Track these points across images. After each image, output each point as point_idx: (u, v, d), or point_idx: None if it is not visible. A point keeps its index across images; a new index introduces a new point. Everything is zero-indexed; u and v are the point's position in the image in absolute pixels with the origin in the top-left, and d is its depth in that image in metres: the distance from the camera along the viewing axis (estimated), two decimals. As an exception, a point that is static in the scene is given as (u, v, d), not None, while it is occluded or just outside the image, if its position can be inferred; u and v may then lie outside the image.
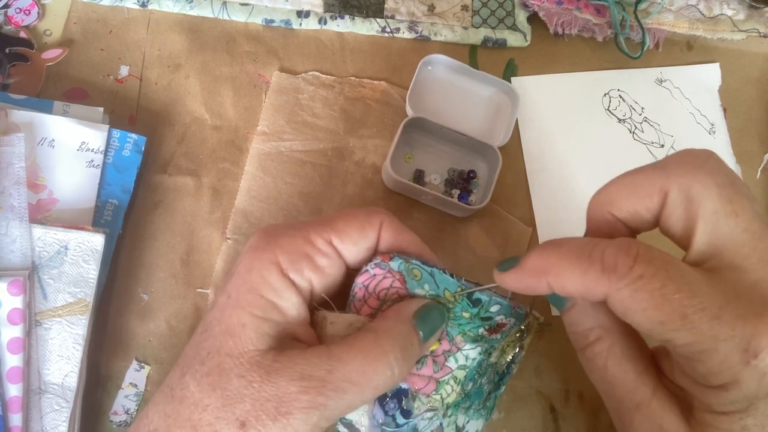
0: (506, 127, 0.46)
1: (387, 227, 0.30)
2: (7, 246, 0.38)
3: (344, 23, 0.48)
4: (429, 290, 0.30)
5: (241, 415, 0.26)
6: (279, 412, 0.25)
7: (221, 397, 0.26)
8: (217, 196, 0.44)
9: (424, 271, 0.29)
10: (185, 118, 0.46)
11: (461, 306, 0.30)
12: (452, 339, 0.31)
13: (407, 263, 0.29)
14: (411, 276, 0.29)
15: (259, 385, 0.26)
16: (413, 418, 0.30)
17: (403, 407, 0.30)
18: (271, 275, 0.28)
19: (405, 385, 0.30)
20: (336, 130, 0.46)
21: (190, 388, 0.27)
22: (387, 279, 0.30)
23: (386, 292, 0.30)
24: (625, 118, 0.50)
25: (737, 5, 0.50)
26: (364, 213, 0.30)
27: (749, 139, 0.51)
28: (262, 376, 0.26)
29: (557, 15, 0.49)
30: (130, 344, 0.41)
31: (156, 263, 0.43)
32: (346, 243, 0.29)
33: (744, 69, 0.52)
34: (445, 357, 0.31)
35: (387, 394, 0.30)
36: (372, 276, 0.30)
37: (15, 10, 0.46)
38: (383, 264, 0.29)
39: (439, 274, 0.30)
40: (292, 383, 0.26)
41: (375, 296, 0.30)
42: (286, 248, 0.28)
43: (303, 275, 0.29)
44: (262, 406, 0.26)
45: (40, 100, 0.43)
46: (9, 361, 0.36)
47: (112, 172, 0.42)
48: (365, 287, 0.30)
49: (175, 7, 0.47)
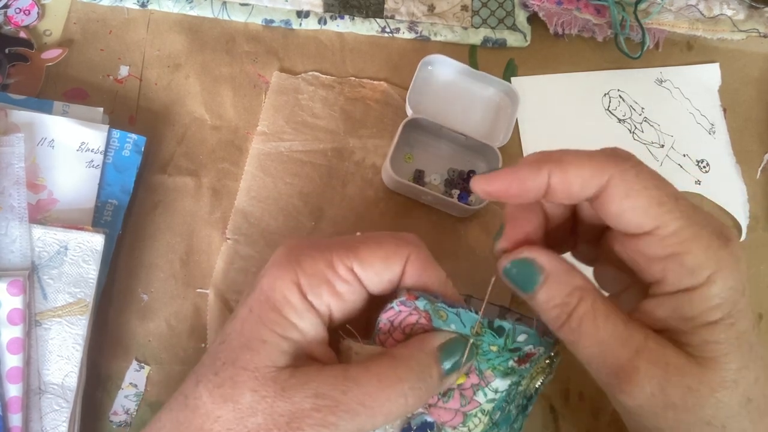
0: (506, 127, 0.46)
1: (413, 261, 0.29)
2: (7, 246, 0.37)
3: (344, 23, 0.48)
4: (455, 329, 0.30)
5: (253, 429, 0.26)
6: (291, 427, 0.26)
7: (233, 410, 0.26)
8: (216, 197, 0.44)
9: (450, 312, 0.29)
10: (185, 118, 0.46)
11: (487, 339, 0.30)
12: (481, 373, 0.31)
13: (433, 304, 0.29)
14: (437, 316, 0.29)
15: (273, 400, 0.26)
16: None
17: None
18: (292, 296, 0.28)
19: (430, 419, 0.30)
20: (336, 130, 0.46)
21: (203, 398, 0.27)
22: (413, 316, 0.29)
23: (412, 327, 0.30)
24: (625, 118, 0.50)
25: (737, 5, 0.50)
26: (392, 243, 0.29)
27: (749, 139, 0.51)
28: (276, 391, 0.26)
29: (557, 15, 0.49)
30: (130, 344, 0.41)
31: (156, 263, 0.43)
32: (369, 273, 0.29)
33: (744, 69, 0.52)
34: (473, 391, 0.31)
35: (411, 427, 0.30)
36: (397, 312, 0.29)
37: (15, 10, 0.46)
38: (409, 303, 0.29)
39: (465, 314, 0.29)
40: (306, 400, 0.26)
41: (401, 330, 0.30)
42: (308, 270, 0.28)
43: (322, 299, 0.29)
44: (275, 421, 0.26)
45: (40, 100, 0.43)
46: (9, 362, 0.36)
47: (112, 173, 0.42)
48: (390, 322, 0.30)
49: (174, 8, 0.47)
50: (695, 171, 0.50)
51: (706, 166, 0.50)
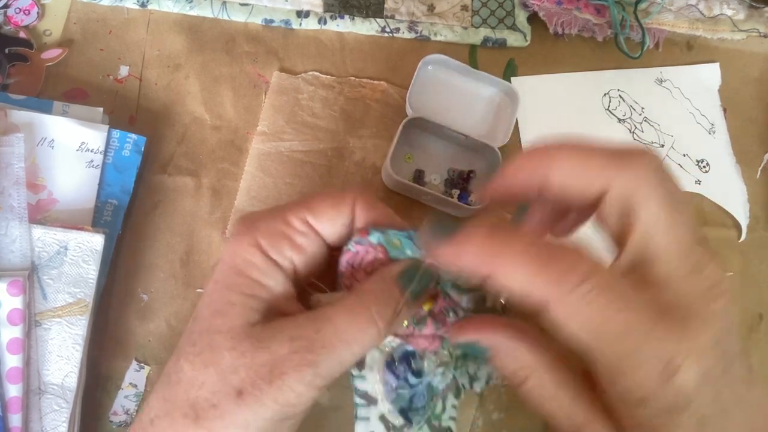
0: (506, 127, 0.46)
1: (360, 202, 0.31)
2: (7, 246, 0.37)
3: (344, 23, 0.48)
4: (412, 255, 0.31)
5: (237, 385, 0.26)
6: (273, 374, 0.26)
7: (215, 372, 0.27)
8: (216, 197, 0.44)
9: (402, 236, 0.30)
10: (185, 118, 0.46)
11: None
12: (447, 295, 0.31)
13: (385, 234, 0.30)
14: (391, 246, 0.30)
15: (252, 354, 0.27)
16: (426, 376, 0.31)
17: (414, 368, 0.31)
18: (254, 257, 0.29)
19: (410, 347, 0.31)
20: (336, 130, 0.46)
21: (185, 369, 0.28)
22: (369, 254, 0.30)
23: (372, 265, 0.30)
24: (625, 118, 0.50)
25: (737, 5, 0.50)
26: (337, 191, 0.31)
27: (749, 139, 0.51)
28: (253, 344, 0.27)
29: (557, 15, 0.49)
30: (129, 344, 0.41)
31: (156, 263, 0.43)
32: (322, 220, 0.30)
33: (744, 69, 0.52)
34: (444, 313, 0.32)
35: (394, 359, 0.31)
36: (354, 253, 0.30)
37: (14, 10, 0.46)
38: (363, 240, 0.30)
39: (417, 235, 0.30)
40: (283, 345, 0.27)
41: (362, 271, 0.31)
42: (265, 231, 0.30)
43: (284, 254, 0.30)
44: (257, 372, 0.26)
45: (40, 100, 0.43)
46: (8, 362, 0.36)
47: (112, 173, 0.42)
48: (350, 265, 0.31)
49: (174, 8, 0.47)
50: (695, 171, 0.50)
51: (706, 166, 0.50)
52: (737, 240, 0.49)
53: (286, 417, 0.27)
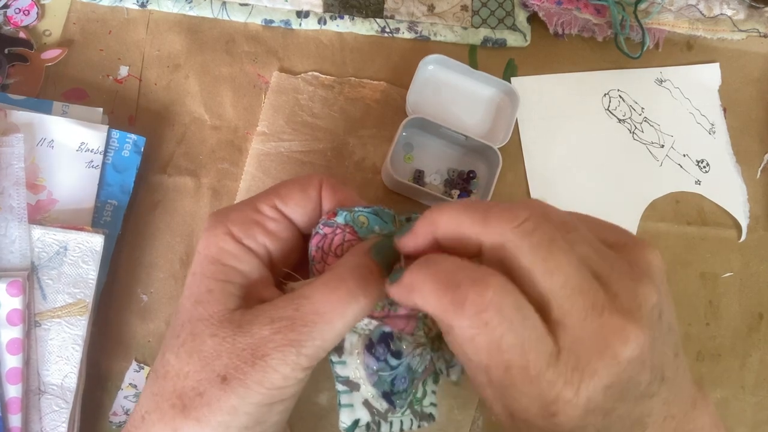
0: (506, 127, 0.46)
1: (326, 185, 0.31)
2: (7, 247, 0.37)
3: (344, 23, 0.48)
4: (381, 230, 0.31)
5: (221, 370, 0.26)
6: (256, 356, 0.26)
7: (199, 360, 0.27)
8: (216, 197, 0.44)
9: (367, 213, 0.30)
10: (185, 118, 0.46)
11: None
12: None
13: (351, 213, 0.30)
14: (359, 225, 0.30)
15: (233, 339, 0.27)
16: (405, 357, 0.31)
17: (393, 349, 0.31)
18: (227, 244, 0.29)
19: (387, 329, 0.31)
20: (335, 130, 0.46)
21: (171, 362, 0.28)
22: (338, 235, 0.30)
23: (341, 248, 0.31)
24: (625, 118, 0.50)
25: (737, 5, 0.50)
26: (303, 176, 0.32)
27: (749, 139, 0.51)
28: (233, 329, 0.27)
29: (557, 15, 0.49)
30: (129, 345, 0.41)
31: (155, 264, 0.43)
32: (291, 205, 0.31)
33: (744, 69, 0.52)
34: None
35: (373, 341, 0.31)
36: (323, 236, 0.30)
37: (14, 10, 0.46)
38: (330, 222, 0.30)
39: (382, 211, 0.31)
40: (264, 328, 0.27)
41: (333, 254, 0.31)
42: (236, 219, 0.30)
43: (257, 240, 0.30)
44: (239, 356, 0.27)
45: (40, 100, 0.43)
46: (8, 362, 0.36)
47: (112, 173, 0.42)
48: (321, 248, 0.31)
49: (174, 8, 0.47)
50: (695, 171, 0.50)
51: (706, 166, 0.50)
52: (737, 240, 0.49)
53: (275, 401, 0.27)
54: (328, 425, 0.41)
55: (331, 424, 0.41)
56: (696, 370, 0.47)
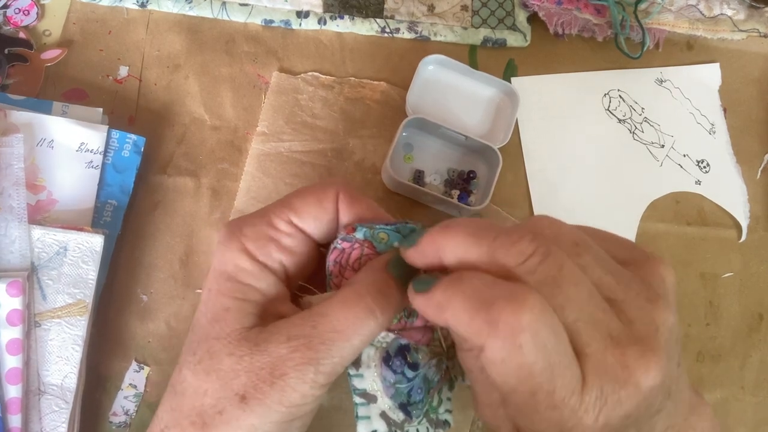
0: (506, 127, 0.46)
1: (343, 196, 0.31)
2: (6, 247, 0.37)
3: (344, 23, 0.48)
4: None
5: (240, 389, 0.26)
6: (274, 376, 0.26)
7: (217, 379, 0.27)
8: (216, 197, 0.44)
9: (388, 231, 0.30)
10: (184, 118, 0.46)
11: None
12: None
13: (371, 230, 0.30)
14: (378, 240, 0.30)
15: (250, 357, 0.27)
16: (421, 368, 0.31)
17: (409, 361, 0.31)
18: (243, 262, 0.29)
19: (404, 341, 0.31)
20: (336, 130, 0.46)
21: (188, 379, 0.28)
22: (356, 250, 0.30)
23: (359, 262, 0.30)
24: (625, 118, 0.50)
25: (737, 5, 0.50)
26: (320, 186, 0.31)
27: (749, 139, 0.51)
28: (251, 348, 0.27)
29: (557, 15, 0.49)
30: (129, 345, 0.41)
31: (155, 264, 0.43)
32: (306, 220, 0.30)
33: (744, 69, 0.52)
34: None
35: (390, 354, 0.31)
36: (341, 251, 0.30)
37: (14, 10, 0.46)
38: (349, 237, 0.30)
39: (404, 228, 0.30)
40: (281, 346, 0.27)
41: (350, 268, 0.30)
42: (251, 236, 0.29)
43: (273, 257, 0.29)
44: (258, 375, 0.26)
45: (39, 100, 0.43)
46: (8, 362, 0.36)
47: (112, 173, 0.42)
48: (338, 263, 0.30)
49: (174, 8, 0.47)
50: (695, 171, 0.50)
51: (707, 166, 0.50)
52: (737, 240, 0.49)
53: (294, 418, 0.27)
54: (329, 425, 0.41)
55: (331, 424, 0.41)
56: (696, 370, 0.47)
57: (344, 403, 0.40)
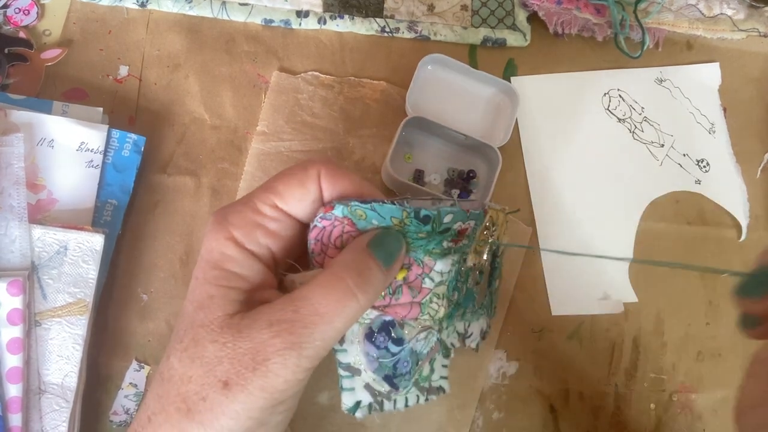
0: (506, 127, 0.46)
1: (325, 175, 0.31)
2: (7, 246, 0.37)
3: (344, 23, 0.48)
4: (378, 224, 0.31)
5: (222, 376, 0.27)
6: (256, 361, 0.26)
7: (201, 366, 0.27)
8: (216, 196, 0.44)
9: (365, 208, 0.30)
10: (184, 118, 0.46)
11: (413, 227, 0.30)
12: (420, 262, 0.31)
13: (348, 206, 0.30)
14: (357, 217, 0.30)
15: (233, 344, 0.27)
16: (407, 343, 0.31)
17: (393, 337, 0.31)
18: (229, 249, 0.29)
19: (388, 317, 0.31)
20: (335, 130, 0.46)
21: (174, 366, 0.28)
22: (337, 228, 0.30)
23: (341, 239, 0.30)
24: (625, 117, 0.50)
25: (737, 5, 0.50)
26: (301, 167, 0.31)
27: (749, 138, 0.51)
28: (233, 335, 0.27)
29: (557, 15, 0.49)
30: (129, 344, 0.41)
31: (155, 263, 0.43)
32: (291, 202, 0.30)
33: (744, 69, 0.52)
34: (420, 280, 0.32)
35: (373, 330, 0.31)
36: (321, 229, 0.30)
37: (14, 10, 0.46)
38: (328, 215, 0.30)
39: (380, 206, 0.30)
40: (263, 332, 0.27)
41: (333, 246, 0.31)
42: (237, 223, 0.30)
43: (260, 243, 0.30)
44: (240, 361, 0.27)
45: (40, 100, 0.43)
46: (8, 362, 0.36)
47: (112, 172, 0.42)
48: (320, 241, 0.31)
49: (174, 7, 0.47)
50: (695, 170, 0.50)
51: (706, 166, 0.50)
52: (737, 240, 0.49)
53: (277, 402, 0.27)
54: (328, 425, 0.42)
55: (331, 424, 0.42)
56: (696, 370, 0.47)
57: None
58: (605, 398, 0.43)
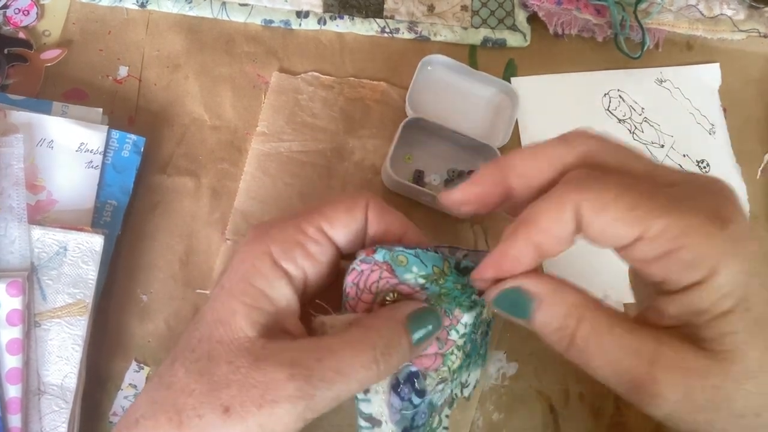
0: (506, 127, 0.46)
1: (373, 208, 0.31)
2: (6, 247, 0.37)
3: (344, 23, 0.48)
4: (419, 272, 0.30)
5: (226, 401, 0.26)
6: (264, 399, 0.25)
7: (208, 383, 0.26)
8: (216, 197, 0.44)
9: (409, 254, 0.30)
10: (184, 118, 0.46)
11: (452, 278, 0.30)
12: (451, 313, 0.31)
13: (391, 252, 0.30)
14: (397, 263, 0.30)
15: (247, 371, 0.26)
16: (428, 395, 0.31)
17: (417, 388, 0.31)
18: (263, 264, 0.29)
19: (414, 368, 0.31)
20: (335, 130, 0.46)
21: (179, 374, 0.27)
22: (374, 272, 0.30)
23: (377, 284, 0.30)
24: (625, 118, 0.50)
25: (737, 5, 0.50)
26: (350, 196, 0.31)
27: (749, 139, 0.51)
28: (250, 362, 0.26)
29: (557, 15, 0.49)
30: (129, 345, 0.41)
31: (155, 264, 0.43)
32: (337, 227, 0.30)
33: (744, 69, 0.52)
34: (447, 332, 0.31)
35: (399, 381, 0.31)
36: (360, 273, 0.30)
37: (14, 10, 0.46)
38: (368, 258, 0.30)
39: (423, 254, 0.30)
40: (280, 370, 0.26)
41: (367, 291, 0.30)
42: (278, 238, 0.29)
43: (296, 263, 0.29)
44: (248, 393, 0.26)
45: (39, 100, 0.43)
46: (8, 362, 0.36)
47: (111, 173, 0.42)
48: (356, 285, 0.30)
49: (174, 8, 0.47)
50: (695, 171, 0.50)
51: (706, 166, 0.50)
52: (737, 240, 0.49)
53: None
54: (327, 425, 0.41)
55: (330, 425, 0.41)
56: (696, 370, 0.47)
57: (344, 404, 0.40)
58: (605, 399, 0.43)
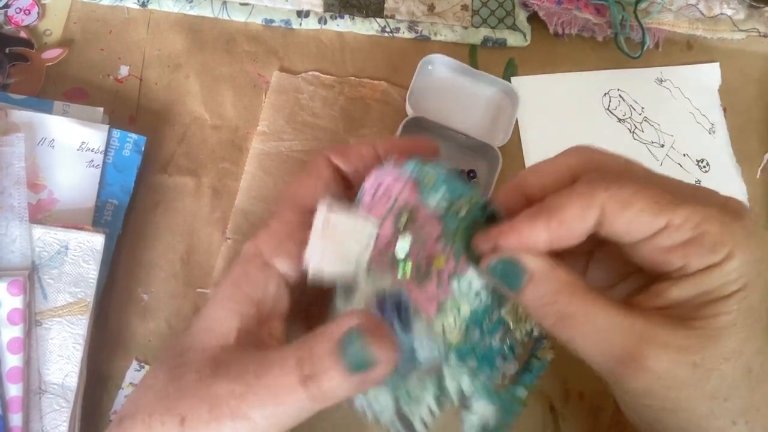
0: (506, 127, 0.46)
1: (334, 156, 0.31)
2: (7, 246, 0.38)
3: (344, 23, 0.48)
4: (443, 196, 0.28)
5: (185, 412, 0.25)
6: (211, 415, 0.25)
7: (176, 390, 0.26)
8: (217, 196, 0.44)
9: (440, 174, 0.28)
10: (185, 118, 0.46)
11: (471, 217, 0.29)
12: (458, 259, 0.29)
13: (422, 167, 0.28)
14: (424, 183, 0.28)
15: (207, 383, 0.26)
16: (412, 333, 0.28)
17: (401, 316, 0.28)
18: (251, 268, 0.29)
19: (405, 296, 0.28)
20: (336, 130, 0.46)
21: (159, 378, 0.27)
22: (396, 187, 0.28)
23: (395, 199, 0.28)
24: (625, 117, 0.50)
25: (737, 5, 0.50)
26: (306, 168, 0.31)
27: (749, 139, 0.51)
28: (208, 374, 0.26)
29: (557, 15, 0.49)
30: (130, 344, 0.41)
31: (156, 263, 0.43)
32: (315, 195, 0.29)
33: (744, 69, 0.52)
34: (449, 277, 0.29)
35: (384, 297, 0.28)
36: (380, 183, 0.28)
37: (15, 9, 0.46)
38: (393, 171, 0.28)
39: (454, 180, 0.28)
40: (223, 386, 0.25)
41: (386, 197, 0.28)
42: (265, 237, 0.29)
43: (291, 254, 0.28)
44: (200, 406, 0.25)
45: (40, 100, 0.43)
46: (9, 361, 0.36)
47: (112, 172, 0.42)
48: (373, 189, 0.29)
49: (175, 7, 0.47)
50: (695, 171, 0.50)
51: (706, 166, 0.50)
52: (737, 240, 0.49)
53: None
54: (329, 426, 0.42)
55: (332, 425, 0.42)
56: (696, 369, 0.47)
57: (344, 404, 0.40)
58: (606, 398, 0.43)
